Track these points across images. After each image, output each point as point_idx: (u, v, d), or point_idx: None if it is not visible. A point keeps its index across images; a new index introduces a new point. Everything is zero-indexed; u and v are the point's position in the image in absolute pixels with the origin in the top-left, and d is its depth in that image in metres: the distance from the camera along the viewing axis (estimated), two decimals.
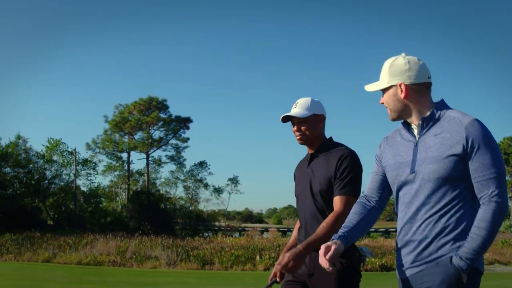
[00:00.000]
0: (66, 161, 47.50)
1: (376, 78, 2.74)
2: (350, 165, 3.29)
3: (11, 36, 73.89)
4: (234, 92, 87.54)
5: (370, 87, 2.71)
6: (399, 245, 2.61)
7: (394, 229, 53.69)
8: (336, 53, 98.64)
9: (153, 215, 43.02)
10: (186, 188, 54.69)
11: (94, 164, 50.12)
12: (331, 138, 3.53)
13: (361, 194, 2.86)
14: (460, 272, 2.35)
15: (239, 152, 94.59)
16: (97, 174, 51.88)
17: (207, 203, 60.00)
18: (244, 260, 18.69)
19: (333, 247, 2.51)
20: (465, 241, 2.36)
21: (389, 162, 2.67)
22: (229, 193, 58.19)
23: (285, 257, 3.02)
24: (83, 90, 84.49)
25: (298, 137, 3.46)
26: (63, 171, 47.18)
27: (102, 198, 52.83)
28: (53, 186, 45.52)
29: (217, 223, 55.32)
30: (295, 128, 3.46)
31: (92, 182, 51.49)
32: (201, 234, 43.51)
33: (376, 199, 2.77)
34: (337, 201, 3.23)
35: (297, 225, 3.64)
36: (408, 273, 2.53)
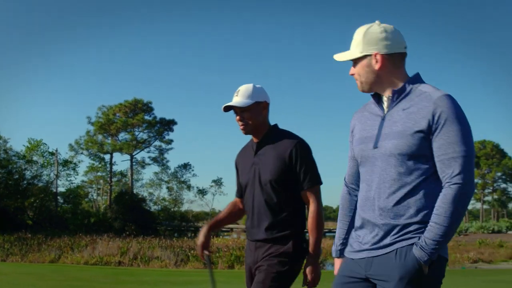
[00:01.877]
0: (46, 161, 47.43)
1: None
2: (306, 154, 3.25)
3: None
4: (217, 95, 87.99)
5: (340, 57, 2.50)
6: (357, 224, 2.47)
7: None
8: (314, 52, 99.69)
9: (137, 216, 43.31)
10: (169, 189, 55.25)
11: (74, 165, 50.16)
12: (276, 125, 3.42)
13: (344, 181, 2.68)
14: (421, 264, 2.18)
15: (224, 154, 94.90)
16: (77, 174, 51.98)
17: (191, 204, 60.95)
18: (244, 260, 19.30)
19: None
20: (426, 230, 2.19)
21: (356, 137, 2.51)
22: (213, 194, 59.22)
23: (308, 276, 3.15)
24: (64, 90, 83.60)
25: (241, 127, 3.33)
26: (43, 171, 47.13)
27: (80, 199, 52.77)
28: (31, 186, 45.35)
29: (199, 224, 55.75)
30: (237, 117, 3.33)
31: (72, 183, 51.35)
32: (189, 235, 43.82)
33: (358, 185, 2.59)
34: (309, 194, 3.22)
35: (229, 205, 3.63)
36: (363, 254, 2.37)
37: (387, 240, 2.27)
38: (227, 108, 3.34)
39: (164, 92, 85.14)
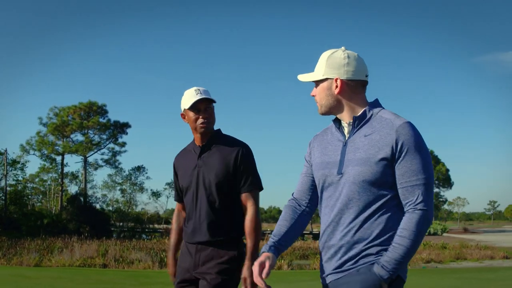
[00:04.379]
0: None
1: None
2: (250, 159, 3.31)
3: None
4: (171, 99, 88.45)
5: (304, 77, 2.54)
6: (321, 250, 2.48)
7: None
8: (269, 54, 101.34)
9: (91, 218, 43.44)
10: (123, 191, 55.53)
11: (22, 165, 49.54)
12: (220, 130, 3.43)
13: (291, 196, 2.67)
14: (381, 281, 2.23)
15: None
16: (25, 175, 51.34)
17: (146, 206, 61.76)
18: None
19: (267, 264, 2.34)
20: (388, 250, 2.25)
21: (316, 161, 2.53)
22: (167, 197, 60.36)
23: (247, 280, 3.06)
24: (14, 89, 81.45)
25: (204, 124, 3.29)
26: None
27: (27, 199, 52.11)
28: None
29: (154, 226, 56.18)
30: (203, 114, 3.29)
31: (19, 183, 50.59)
32: (146, 237, 44.17)
33: (306, 202, 2.60)
34: (248, 198, 3.25)
35: (175, 222, 3.59)
36: (329, 279, 2.40)
37: (349, 263, 2.32)
38: (202, 101, 3.28)
39: (118, 95, 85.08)
